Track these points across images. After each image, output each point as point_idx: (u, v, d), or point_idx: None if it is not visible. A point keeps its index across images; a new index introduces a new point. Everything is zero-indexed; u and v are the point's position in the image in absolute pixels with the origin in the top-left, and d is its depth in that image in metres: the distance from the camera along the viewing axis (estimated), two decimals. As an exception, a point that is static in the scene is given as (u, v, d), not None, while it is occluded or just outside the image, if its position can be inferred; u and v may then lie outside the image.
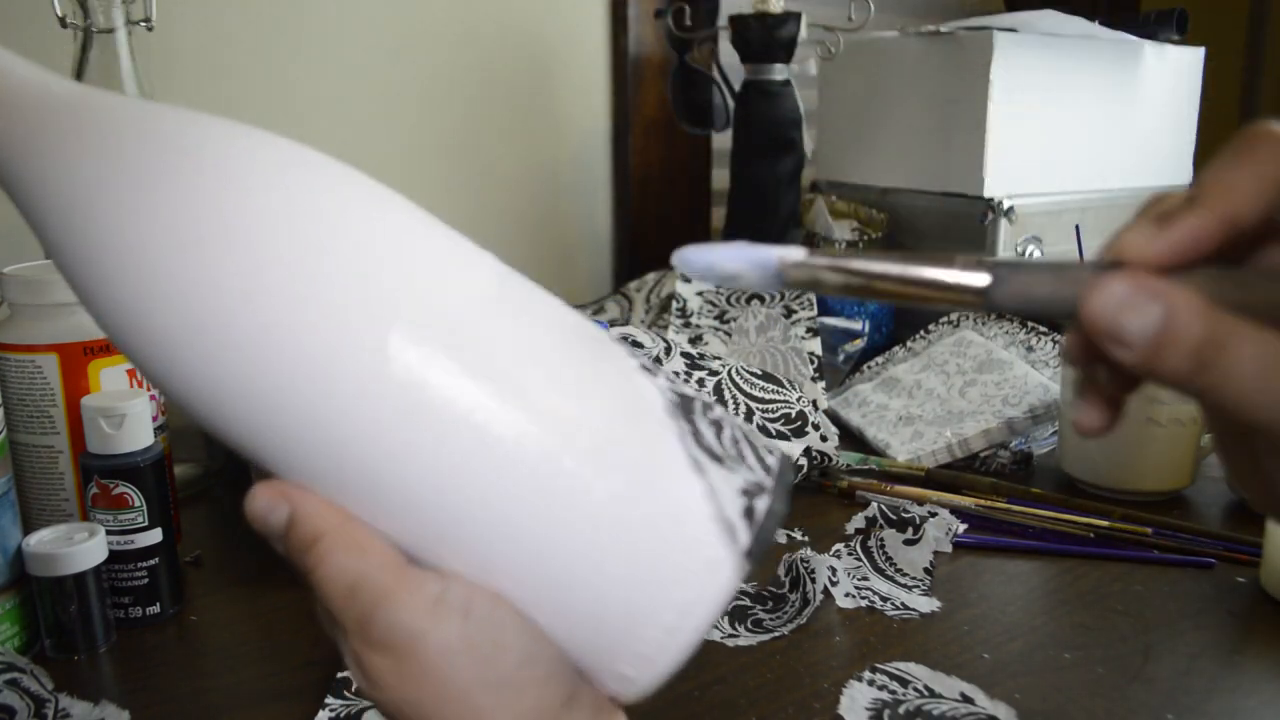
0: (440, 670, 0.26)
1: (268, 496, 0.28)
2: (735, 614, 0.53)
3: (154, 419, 0.56)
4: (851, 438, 0.79)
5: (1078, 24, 1.04)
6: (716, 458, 0.28)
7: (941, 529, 0.60)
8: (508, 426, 0.26)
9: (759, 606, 0.53)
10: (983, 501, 0.65)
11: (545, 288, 0.30)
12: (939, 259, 0.25)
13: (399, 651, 0.26)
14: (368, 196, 0.28)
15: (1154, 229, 0.24)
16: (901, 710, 0.44)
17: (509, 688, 0.27)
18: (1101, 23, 1.08)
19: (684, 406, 0.28)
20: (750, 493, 0.27)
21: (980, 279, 0.24)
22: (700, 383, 0.73)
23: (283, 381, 0.26)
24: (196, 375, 0.26)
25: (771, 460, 0.29)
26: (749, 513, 0.27)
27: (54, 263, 0.28)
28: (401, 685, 0.27)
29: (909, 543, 0.59)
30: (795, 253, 0.25)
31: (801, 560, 0.54)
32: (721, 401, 0.72)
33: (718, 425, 0.29)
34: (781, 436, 0.72)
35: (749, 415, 0.72)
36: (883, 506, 0.63)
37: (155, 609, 0.52)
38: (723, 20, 0.98)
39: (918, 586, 0.56)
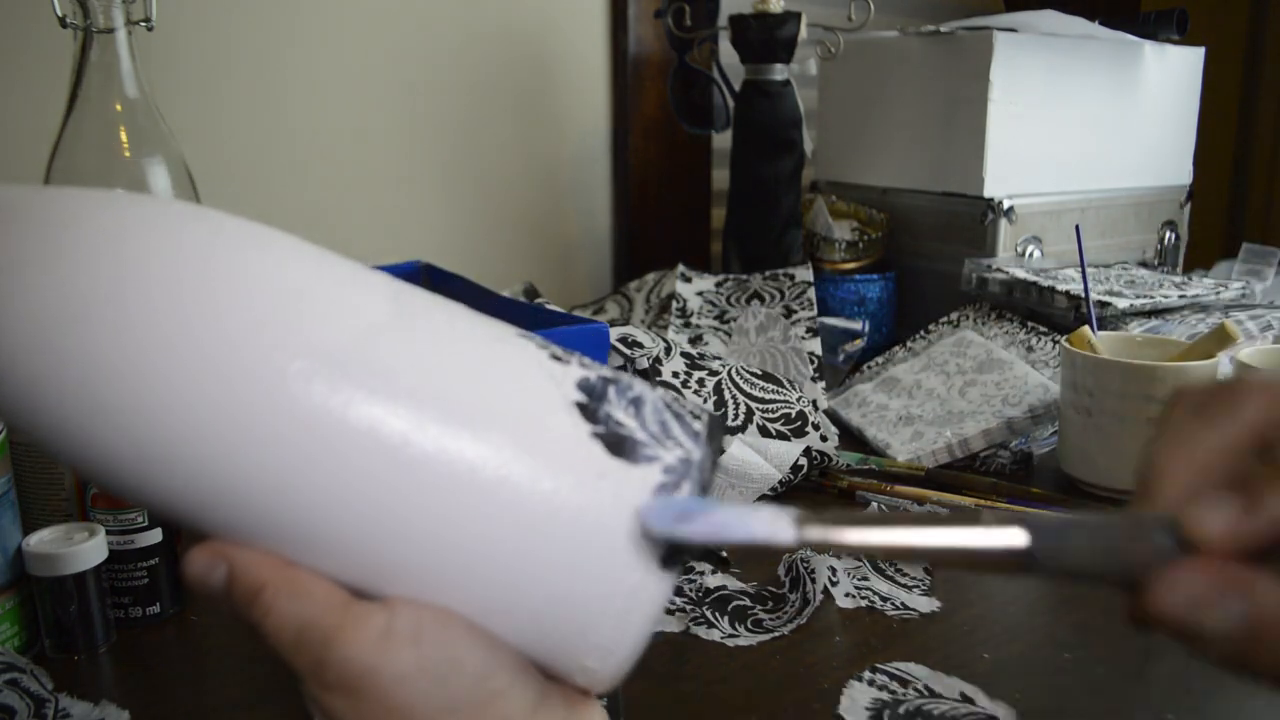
0: (400, 700, 0.26)
1: (204, 557, 0.28)
2: (735, 614, 0.53)
3: (154, 419, 0.56)
4: (851, 438, 0.79)
5: (1078, 24, 1.04)
6: (631, 449, 0.27)
7: (941, 529, 0.60)
8: (425, 444, 0.26)
9: (759, 606, 0.54)
10: (983, 501, 0.65)
11: (545, 288, 0.30)
12: (967, 517, 0.25)
13: (355, 690, 0.26)
14: (244, 241, 0.28)
15: (1239, 510, 0.22)
16: (901, 710, 0.44)
17: (472, 704, 0.26)
18: (1101, 23, 1.08)
19: (597, 394, 0.28)
20: (668, 487, 0.27)
21: (1017, 545, 0.24)
22: (700, 383, 0.73)
23: (194, 440, 0.26)
24: (110, 449, 0.26)
25: (699, 425, 0.29)
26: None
27: None
28: None
29: (909, 543, 0.59)
30: (785, 529, 0.26)
31: (801, 560, 0.54)
32: (721, 402, 0.72)
33: (637, 404, 0.28)
34: (781, 436, 0.72)
35: (749, 415, 0.72)
36: (883, 507, 0.63)
37: (155, 609, 0.52)
38: (723, 20, 0.98)
39: (918, 586, 0.56)
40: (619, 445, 0.27)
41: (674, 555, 0.27)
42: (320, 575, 0.27)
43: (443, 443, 0.26)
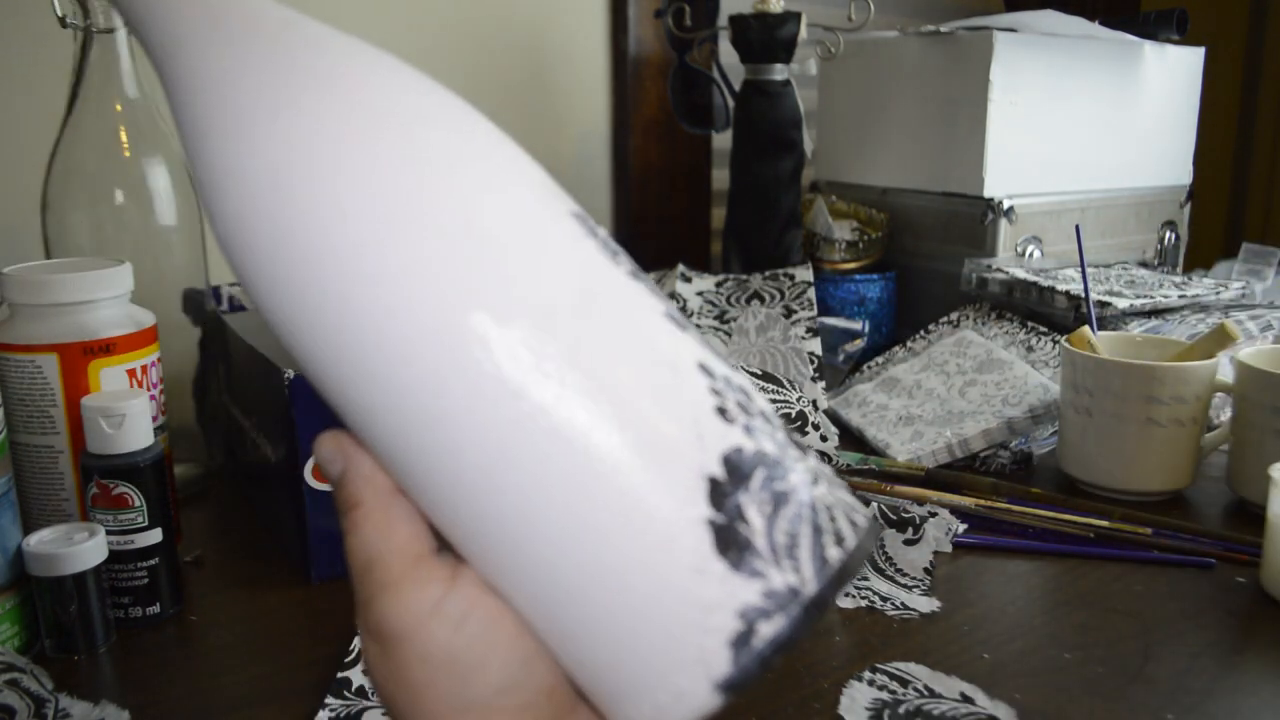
0: (415, 677, 0.26)
1: (330, 447, 0.28)
2: (735, 614, 0.53)
3: (154, 419, 0.56)
4: (851, 438, 0.79)
5: (1078, 24, 1.04)
6: (740, 554, 0.24)
7: (941, 529, 0.60)
8: (564, 454, 0.24)
9: (759, 606, 0.53)
10: (983, 501, 0.65)
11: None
12: None
13: (386, 646, 0.27)
14: (503, 162, 0.28)
15: None
16: (901, 710, 0.44)
17: (475, 711, 0.26)
18: (1101, 23, 1.08)
19: (739, 474, 0.25)
20: (759, 612, 0.24)
21: None
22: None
23: (351, 326, 0.25)
24: (281, 289, 0.26)
25: (836, 552, 0.25)
26: (742, 640, 0.24)
27: (191, 167, 0.27)
28: (382, 676, 0.27)
29: (909, 543, 0.59)
30: None
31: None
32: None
33: (779, 500, 0.25)
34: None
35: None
36: (883, 506, 0.63)
37: (155, 609, 0.52)
38: (723, 20, 0.98)
39: (918, 586, 0.56)
40: (729, 545, 0.24)
41: (736, 684, 0.24)
42: (415, 512, 0.27)
43: (556, 457, 0.24)
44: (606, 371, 0.25)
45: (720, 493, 0.24)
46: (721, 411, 0.26)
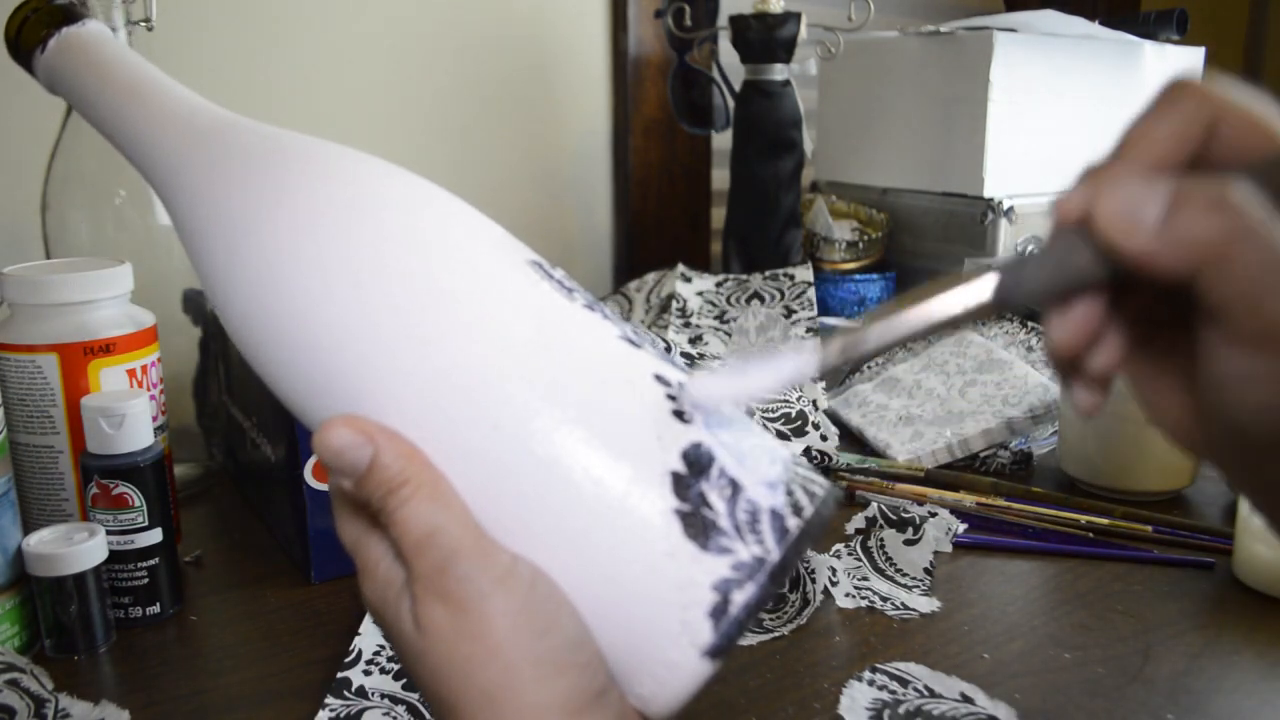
0: (497, 633, 0.27)
1: (351, 433, 0.28)
2: (735, 614, 0.53)
3: (154, 419, 0.56)
4: (851, 438, 0.79)
5: (1078, 24, 1.04)
6: (707, 536, 0.27)
7: (941, 529, 0.60)
8: (536, 471, 0.28)
9: (759, 606, 0.54)
10: (983, 501, 0.65)
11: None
12: (942, 284, 0.26)
13: (463, 607, 0.27)
14: (457, 222, 0.32)
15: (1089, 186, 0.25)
16: (901, 710, 0.44)
17: (552, 665, 0.27)
18: (1101, 23, 1.08)
19: (699, 467, 0.28)
20: (731, 583, 0.27)
21: (985, 288, 0.26)
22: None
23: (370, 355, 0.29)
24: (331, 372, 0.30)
25: (794, 522, 0.28)
26: (719, 610, 0.27)
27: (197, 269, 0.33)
28: (454, 638, 0.27)
29: (909, 543, 0.59)
30: (810, 361, 0.27)
31: (801, 560, 0.54)
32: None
33: (734, 488, 0.28)
34: (781, 436, 0.72)
35: (749, 415, 0.72)
36: (883, 506, 0.63)
37: (155, 609, 0.52)
38: (723, 20, 0.98)
39: (918, 586, 0.56)
40: (697, 529, 0.27)
41: (720, 649, 0.27)
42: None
43: (545, 463, 0.28)
44: (566, 393, 0.28)
45: (683, 485, 0.28)
46: (679, 414, 0.29)
